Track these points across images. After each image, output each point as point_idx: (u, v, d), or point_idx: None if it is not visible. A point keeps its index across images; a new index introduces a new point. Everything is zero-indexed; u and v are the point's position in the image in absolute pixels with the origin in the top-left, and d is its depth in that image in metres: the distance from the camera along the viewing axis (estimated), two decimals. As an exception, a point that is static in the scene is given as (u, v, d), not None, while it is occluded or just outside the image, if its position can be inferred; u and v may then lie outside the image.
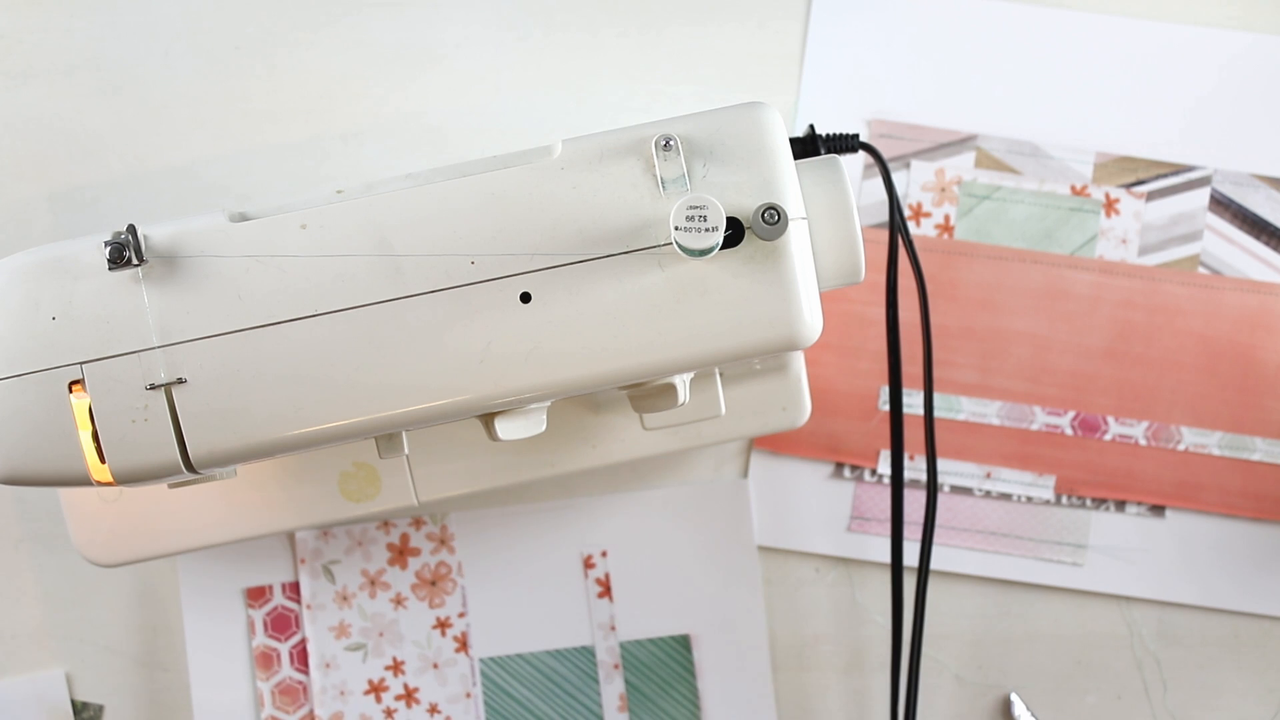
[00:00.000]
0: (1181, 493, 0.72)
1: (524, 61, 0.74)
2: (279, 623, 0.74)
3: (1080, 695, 0.73)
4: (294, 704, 0.74)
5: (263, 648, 0.74)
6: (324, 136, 0.73)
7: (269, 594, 0.74)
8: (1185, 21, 0.74)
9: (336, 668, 0.74)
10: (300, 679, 0.74)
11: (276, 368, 0.47)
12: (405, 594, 0.74)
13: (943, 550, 0.73)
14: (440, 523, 0.74)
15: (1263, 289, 0.73)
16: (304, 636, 0.74)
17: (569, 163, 0.48)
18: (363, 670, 0.74)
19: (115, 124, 0.73)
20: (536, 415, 0.52)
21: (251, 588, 0.74)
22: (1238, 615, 0.73)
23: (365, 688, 0.74)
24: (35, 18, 0.74)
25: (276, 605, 0.74)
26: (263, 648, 0.74)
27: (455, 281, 0.47)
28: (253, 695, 0.73)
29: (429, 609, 0.74)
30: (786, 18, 0.74)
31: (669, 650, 0.74)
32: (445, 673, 0.74)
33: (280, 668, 0.74)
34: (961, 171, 0.73)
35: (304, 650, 0.74)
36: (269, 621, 0.74)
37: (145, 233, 0.48)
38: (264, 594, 0.74)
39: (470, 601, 0.74)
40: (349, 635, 0.74)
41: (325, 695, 0.74)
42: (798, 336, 0.48)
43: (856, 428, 0.73)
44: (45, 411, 0.47)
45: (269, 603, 0.74)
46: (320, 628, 0.74)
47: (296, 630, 0.74)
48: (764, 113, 0.49)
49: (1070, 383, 0.73)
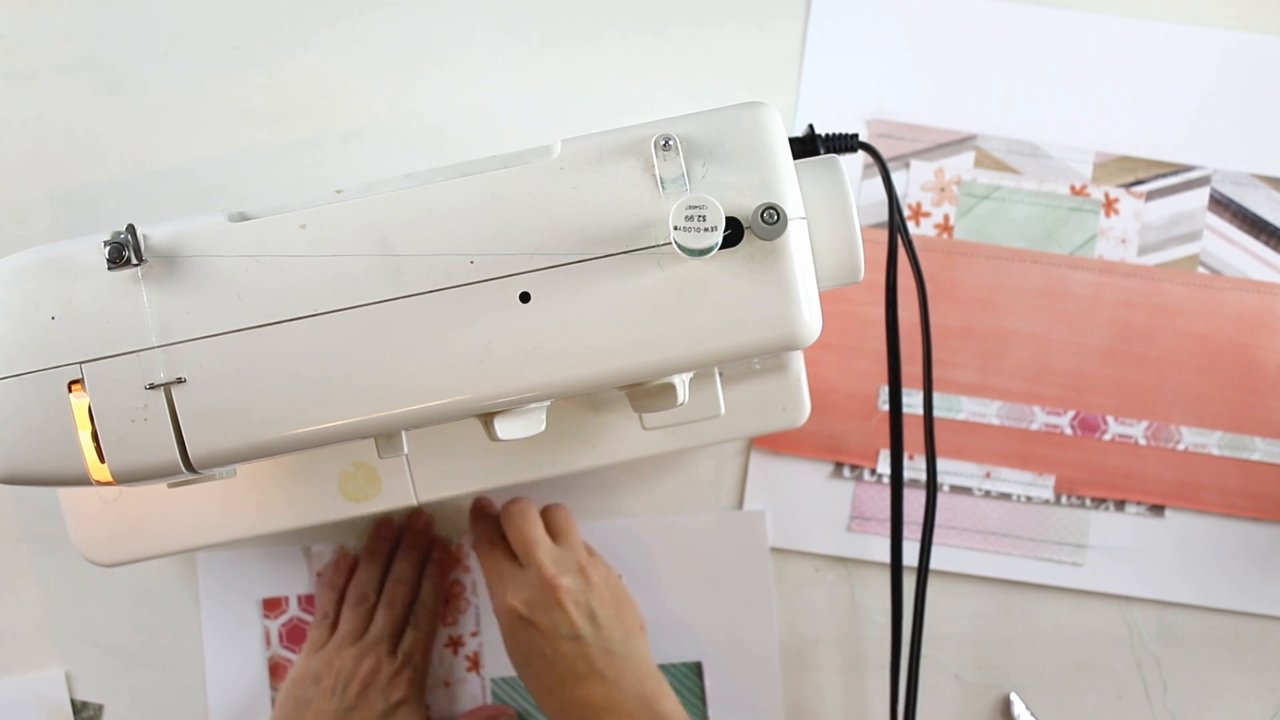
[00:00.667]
0: (1181, 493, 0.72)
1: (524, 61, 0.74)
2: (293, 634, 0.74)
3: (1080, 695, 0.73)
4: None
5: (277, 658, 0.74)
6: (324, 136, 0.73)
7: (284, 605, 0.74)
8: (1185, 21, 0.74)
9: None
10: None
11: (276, 367, 0.47)
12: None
13: (942, 550, 0.73)
14: (455, 542, 0.74)
15: (1263, 289, 0.73)
16: None
17: (569, 163, 0.48)
18: None
19: (115, 124, 0.73)
20: (536, 415, 0.52)
21: (268, 599, 0.74)
22: (1238, 615, 0.73)
23: None
24: (35, 17, 0.74)
25: (292, 617, 0.74)
26: (277, 658, 0.74)
27: (455, 281, 0.47)
28: (267, 704, 0.73)
29: (442, 628, 0.74)
30: (786, 18, 0.74)
31: (680, 677, 0.73)
32: (456, 691, 0.74)
33: None
34: (961, 171, 0.73)
35: None
36: (284, 633, 0.74)
37: (145, 232, 0.47)
38: (280, 605, 0.74)
39: (483, 621, 0.74)
40: None
41: None
42: (797, 336, 0.48)
43: (856, 427, 0.73)
44: (45, 411, 0.47)
45: (284, 614, 0.74)
46: None
47: None
48: (763, 113, 0.49)
49: (1070, 383, 0.73)
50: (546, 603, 0.64)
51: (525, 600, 0.64)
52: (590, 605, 0.65)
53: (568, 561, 0.66)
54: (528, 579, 0.65)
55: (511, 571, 0.66)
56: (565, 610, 0.64)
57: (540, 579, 0.65)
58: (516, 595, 0.64)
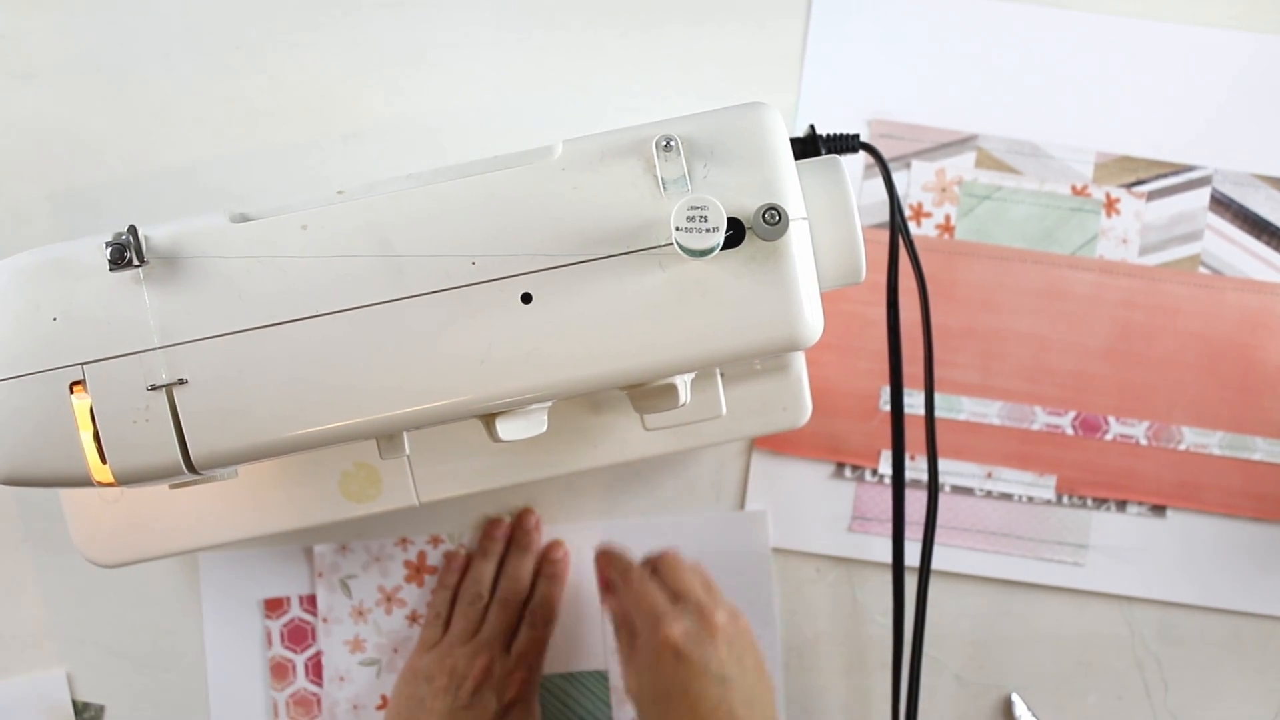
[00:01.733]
0: (1182, 493, 0.72)
1: (524, 62, 0.74)
2: (295, 634, 0.74)
3: (1081, 695, 0.73)
4: (308, 715, 0.74)
5: (278, 658, 0.74)
6: (324, 137, 0.73)
7: (286, 606, 0.74)
8: (1185, 22, 0.74)
9: (350, 681, 0.74)
10: (314, 691, 0.74)
11: (277, 368, 0.47)
12: (421, 611, 0.74)
13: (943, 550, 0.73)
14: (458, 542, 0.74)
15: (1263, 289, 0.73)
16: (319, 649, 0.74)
17: (570, 163, 0.48)
18: (376, 685, 0.74)
19: (115, 124, 0.73)
20: (537, 416, 0.52)
21: (269, 599, 0.74)
22: (1238, 615, 0.73)
23: (378, 702, 0.74)
24: (35, 18, 0.74)
25: (293, 617, 0.74)
26: (278, 658, 0.74)
27: (456, 282, 0.47)
28: (268, 705, 0.73)
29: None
30: (787, 18, 0.74)
31: None
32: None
33: (295, 679, 0.74)
34: (962, 171, 0.73)
35: (319, 663, 0.74)
36: (285, 633, 0.74)
37: (146, 233, 0.47)
38: (281, 605, 0.74)
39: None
40: (364, 650, 0.74)
41: (338, 708, 0.74)
42: (798, 337, 0.48)
43: (857, 428, 0.73)
44: (46, 412, 0.47)
45: (286, 614, 0.74)
46: (335, 641, 0.74)
47: (312, 643, 0.74)
48: (765, 113, 0.49)
49: (1071, 383, 0.73)
50: (703, 638, 0.63)
51: (684, 632, 0.63)
52: (740, 651, 0.64)
53: (723, 604, 0.66)
54: (687, 612, 0.64)
55: (667, 605, 0.65)
56: (719, 649, 0.63)
57: (700, 613, 0.64)
58: (675, 626, 0.63)
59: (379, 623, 0.74)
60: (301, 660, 0.74)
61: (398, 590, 0.74)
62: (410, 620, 0.74)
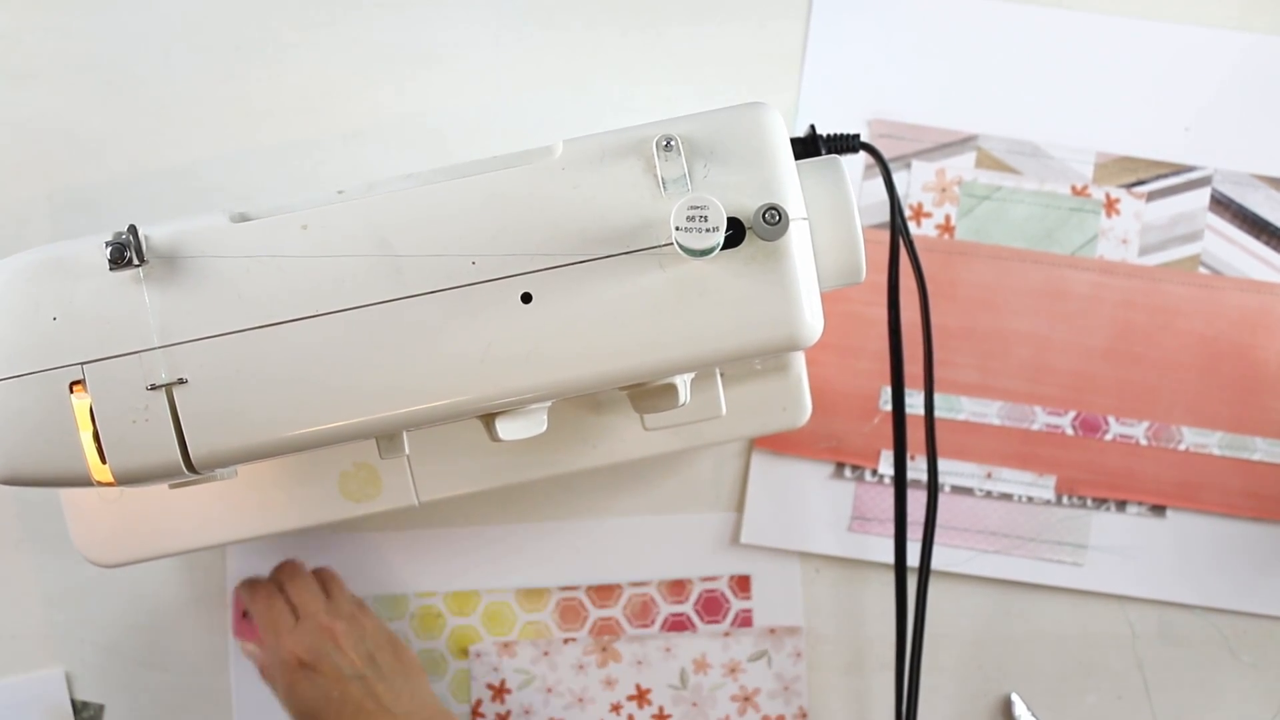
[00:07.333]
0: (1182, 493, 0.72)
1: (524, 61, 0.74)
2: None
3: (1081, 695, 0.73)
4: None
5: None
6: (324, 136, 0.73)
7: None
8: (1185, 22, 0.74)
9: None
10: None
11: (277, 368, 0.47)
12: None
13: (943, 550, 0.73)
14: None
15: (1263, 289, 0.73)
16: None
17: (570, 163, 0.48)
18: None
19: (115, 124, 0.73)
20: (537, 415, 0.52)
21: None
22: (1239, 615, 0.73)
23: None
24: (35, 18, 0.74)
25: None
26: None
27: (456, 282, 0.47)
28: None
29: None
30: (787, 18, 0.74)
31: None
32: None
33: None
34: (962, 171, 0.73)
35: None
36: None
37: (146, 233, 0.47)
38: None
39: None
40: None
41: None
42: (798, 337, 0.48)
43: (857, 428, 0.73)
44: (46, 412, 0.47)
45: None
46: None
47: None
48: (765, 113, 0.49)
49: (1071, 383, 0.73)
50: (326, 647, 0.66)
51: (306, 647, 0.66)
52: (368, 648, 0.67)
53: (342, 611, 0.68)
54: (305, 628, 0.67)
55: (288, 624, 0.68)
56: (345, 652, 0.66)
57: (317, 626, 0.67)
58: (297, 644, 0.66)
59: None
60: None
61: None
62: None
